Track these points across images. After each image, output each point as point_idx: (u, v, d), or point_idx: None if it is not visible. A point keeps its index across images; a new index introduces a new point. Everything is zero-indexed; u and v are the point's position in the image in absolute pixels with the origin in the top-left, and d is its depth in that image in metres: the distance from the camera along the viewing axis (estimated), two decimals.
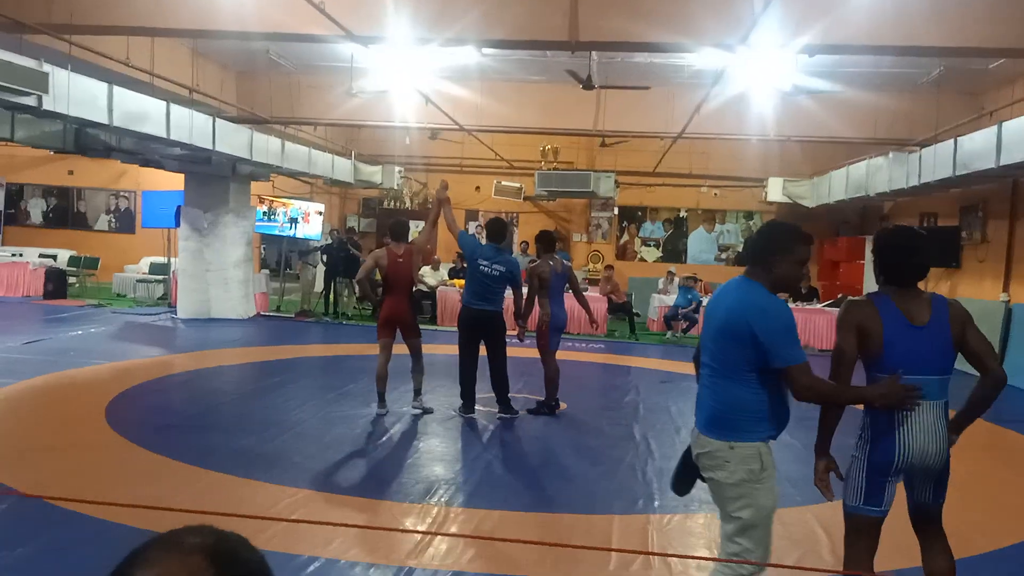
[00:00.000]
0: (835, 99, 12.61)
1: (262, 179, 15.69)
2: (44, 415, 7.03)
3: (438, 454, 6.53)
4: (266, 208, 16.13)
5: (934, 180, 11.16)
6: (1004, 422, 7.82)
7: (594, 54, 10.37)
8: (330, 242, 15.83)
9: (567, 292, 8.15)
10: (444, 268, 16.37)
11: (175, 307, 14.32)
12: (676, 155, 16.46)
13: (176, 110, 11.02)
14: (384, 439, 6.77)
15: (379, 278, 7.60)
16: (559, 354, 8.07)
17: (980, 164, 9.81)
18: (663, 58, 11.73)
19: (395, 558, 4.18)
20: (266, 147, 13.64)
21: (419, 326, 7.62)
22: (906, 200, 15.49)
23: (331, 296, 15.50)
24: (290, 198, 17.24)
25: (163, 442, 6.14)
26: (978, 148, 9.87)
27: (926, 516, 3.26)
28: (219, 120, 12.21)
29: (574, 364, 10.63)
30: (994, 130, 9.44)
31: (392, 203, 20.60)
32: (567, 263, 8.54)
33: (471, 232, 20.21)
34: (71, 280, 16.90)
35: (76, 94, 9.16)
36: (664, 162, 16.78)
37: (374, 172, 18.00)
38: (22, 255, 17.08)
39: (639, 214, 20.48)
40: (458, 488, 5.50)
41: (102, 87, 9.66)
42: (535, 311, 7.81)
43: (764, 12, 7.12)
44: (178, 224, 14.26)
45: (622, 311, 15.13)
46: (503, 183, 18.77)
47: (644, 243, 20.56)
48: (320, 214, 17.26)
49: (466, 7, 7.99)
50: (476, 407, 7.63)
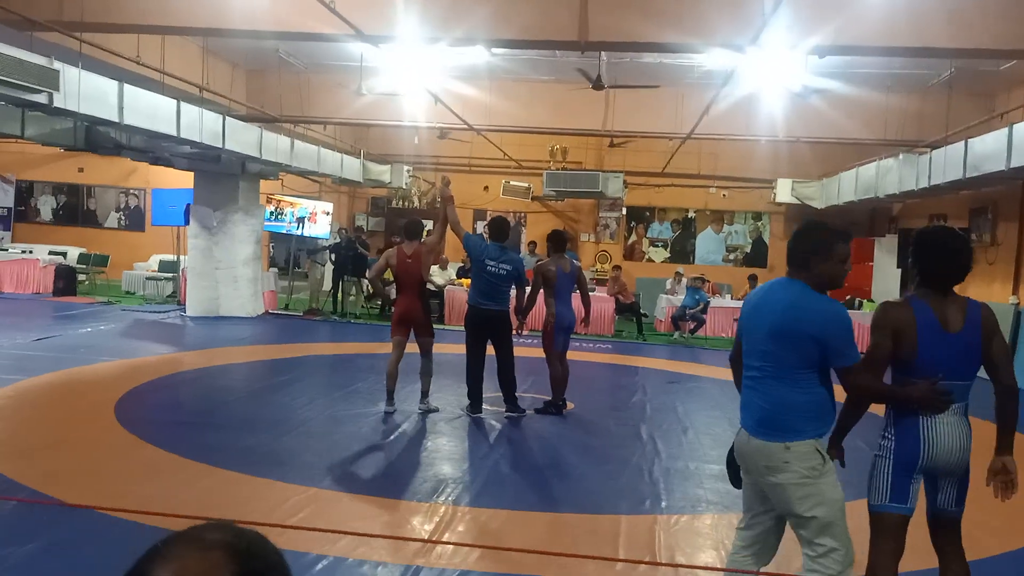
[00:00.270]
0: (845, 100, 12.58)
1: (271, 178, 15.73)
2: (54, 411, 7.06)
3: (445, 453, 6.53)
4: (273, 208, 16.17)
5: (944, 182, 11.13)
6: None
7: (603, 54, 10.37)
8: (338, 241, 15.85)
9: (575, 292, 8.14)
10: (452, 267, 16.37)
11: (184, 305, 14.36)
12: (685, 156, 16.45)
13: (186, 108, 11.06)
14: (392, 438, 6.78)
15: (390, 277, 7.61)
16: (567, 354, 8.07)
17: (990, 166, 9.78)
18: (673, 58, 11.73)
19: (402, 557, 4.19)
20: (275, 146, 13.68)
21: (432, 326, 7.61)
22: (915, 202, 15.44)
23: (339, 295, 15.53)
24: (299, 197, 17.27)
25: (172, 439, 6.17)
26: (989, 150, 9.84)
27: (947, 523, 3.25)
28: (229, 118, 12.24)
29: (582, 364, 10.62)
30: (1005, 132, 9.40)
31: (401, 202, 20.63)
32: (576, 263, 8.53)
33: (479, 232, 20.29)
34: (81, 277, 16.96)
35: (87, 92, 9.20)
36: (673, 163, 16.77)
37: (383, 171, 18.03)
38: (32, 252, 17.17)
39: (647, 214, 20.45)
40: (465, 487, 5.50)
41: (113, 85, 9.70)
42: (541, 312, 7.79)
43: (774, 13, 7.10)
44: (187, 222, 14.31)
45: (630, 311, 15.12)
46: (511, 183, 18.79)
47: (652, 243, 20.53)
48: (328, 214, 17.29)
49: (475, 6, 8.00)
50: (483, 406, 7.65)
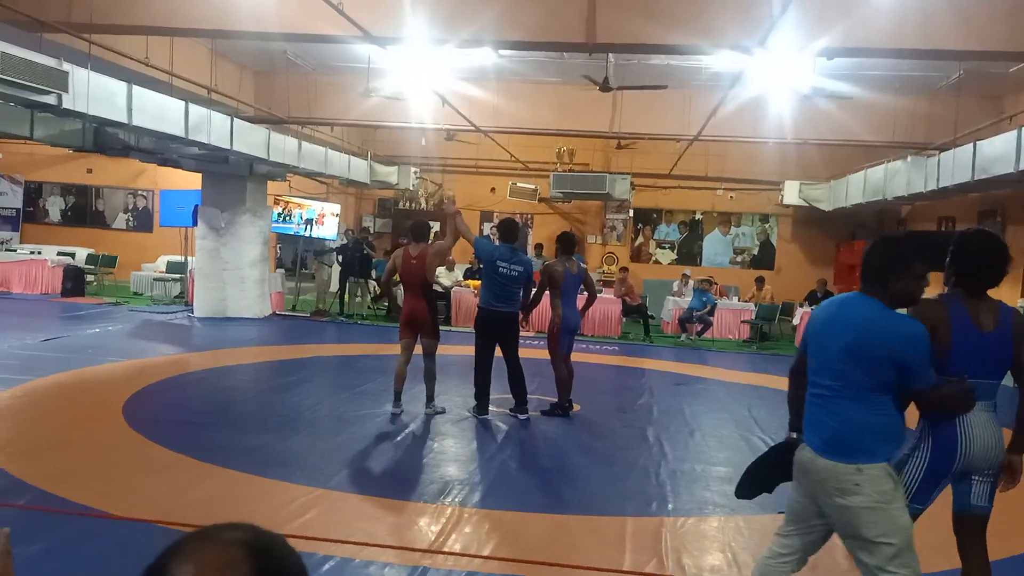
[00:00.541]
0: (853, 102, 12.54)
1: (279, 179, 15.77)
2: (62, 411, 7.08)
3: (452, 454, 6.53)
4: (281, 209, 16.21)
5: (952, 184, 11.09)
6: None
7: (611, 56, 10.36)
8: (345, 242, 15.87)
9: (581, 294, 8.14)
10: (460, 269, 16.39)
11: (192, 306, 14.40)
12: (692, 157, 16.43)
13: (194, 110, 11.10)
14: (398, 439, 6.78)
15: (397, 278, 7.63)
16: (572, 355, 8.06)
17: (999, 168, 9.75)
18: (680, 60, 11.72)
19: (409, 558, 4.19)
20: (283, 147, 13.71)
21: (439, 328, 7.59)
22: (924, 204, 15.40)
23: (346, 296, 15.55)
24: (306, 198, 17.31)
25: (179, 439, 6.18)
26: (998, 152, 9.80)
27: (976, 521, 3.27)
28: (237, 120, 12.28)
29: (588, 366, 10.61)
30: (1014, 134, 9.37)
31: (407, 204, 20.66)
32: (583, 265, 8.52)
33: (486, 234, 20.30)
34: (89, 278, 17.02)
35: (96, 93, 9.24)
36: (680, 164, 16.75)
37: (390, 173, 18.05)
38: (40, 253, 17.24)
39: (654, 216, 20.43)
40: (472, 488, 5.50)
41: (121, 86, 9.74)
42: (547, 313, 7.79)
43: (782, 14, 7.10)
44: (195, 223, 14.35)
45: (636, 313, 15.11)
46: (518, 184, 18.79)
47: (659, 245, 20.51)
48: (336, 216, 17.31)
49: (483, 8, 8.01)
50: (489, 408, 7.64)
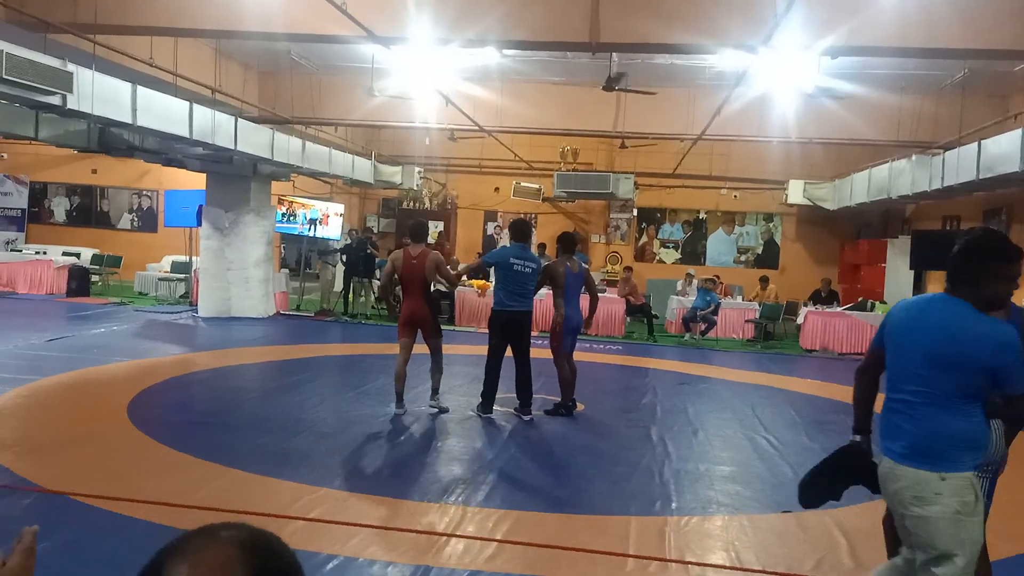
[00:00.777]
0: (858, 101, 12.52)
1: (283, 179, 15.79)
2: (67, 411, 7.10)
3: (456, 454, 6.54)
4: (284, 209, 16.22)
5: (957, 183, 11.05)
6: None
7: (615, 55, 10.36)
8: (349, 242, 15.87)
9: (583, 294, 8.14)
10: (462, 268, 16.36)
11: (196, 305, 14.42)
12: (696, 157, 16.41)
13: (199, 110, 11.12)
14: (402, 438, 6.79)
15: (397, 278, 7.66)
16: (576, 355, 8.07)
17: (1004, 167, 9.71)
18: (684, 59, 11.71)
19: (412, 557, 4.19)
20: (287, 147, 13.73)
21: (440, 326, 7.64)
22: (928, 203, 15.35)
23: (350, 296, 15.56)
24: (310, 198, 17.32)
25: (184, 439, 6.19)
26: (1003, 151, 9.77)
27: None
28: (241, 120, 12.30)
29: (592, 365, 10.61)
30: (1019, 133, 9.33)
31: (411, 203, 20.67)
32: (585, 265, 8.52)
33: (490, 233, 20.32)
34: (94, 278, 17.05)
35: (100, 93, 9.25)
36: (684, 164, 16.73)
37: (394, 172, 18.07)
38: (46, 253, 17.27)
39: (658, 216, 20.41)
40: (475, 488, 5.50)
41: (126, 87, 9.76)
42: (550, 312, 7.80)
43: (787, 14, 7.09)
44: (200, 223, 14.37)
45: (640, 313, 15.10)
46: (522, 184, 18.80)
47: (663, 245, 20.49)
48: (340, 215, 17.31)
49: (487, 8, 8.02)
50: (494, 407, 7.64)
